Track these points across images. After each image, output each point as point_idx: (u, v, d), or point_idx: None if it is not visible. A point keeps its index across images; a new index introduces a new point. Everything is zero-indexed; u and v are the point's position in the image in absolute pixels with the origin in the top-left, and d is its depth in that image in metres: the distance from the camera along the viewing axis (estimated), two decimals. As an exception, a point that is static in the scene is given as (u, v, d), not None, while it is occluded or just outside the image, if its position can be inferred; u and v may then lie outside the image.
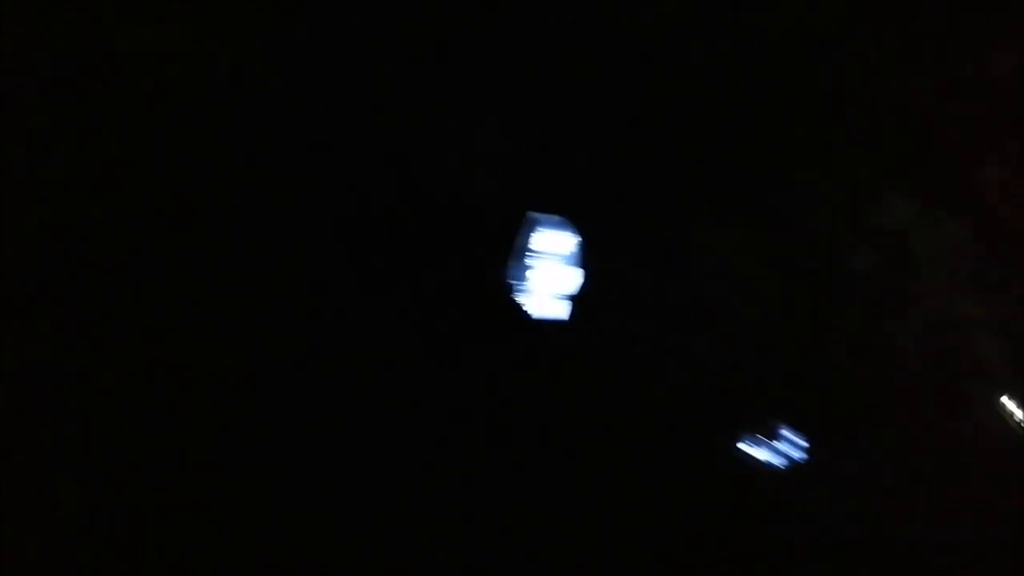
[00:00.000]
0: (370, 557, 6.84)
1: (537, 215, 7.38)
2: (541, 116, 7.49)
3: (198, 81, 6.80)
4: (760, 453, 7.27)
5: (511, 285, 7.32)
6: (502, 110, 7.45)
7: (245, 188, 7.03)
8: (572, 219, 7.40)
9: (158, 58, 6.53)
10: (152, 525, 6.26)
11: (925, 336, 7.02)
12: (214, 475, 6.59)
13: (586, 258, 7.38)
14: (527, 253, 7.35)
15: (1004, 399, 6.97)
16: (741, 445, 7.25)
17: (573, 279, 7.38)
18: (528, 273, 7.34)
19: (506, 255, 7.32)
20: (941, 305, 7.00)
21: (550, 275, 7.36)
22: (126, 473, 6.30)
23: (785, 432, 7.21)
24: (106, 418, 6.37)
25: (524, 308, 7.31)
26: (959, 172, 6.97)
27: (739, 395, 7.20)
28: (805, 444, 7.21)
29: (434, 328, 7.30)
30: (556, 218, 7.43)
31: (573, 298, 7.36)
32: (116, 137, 6.46)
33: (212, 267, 6.84)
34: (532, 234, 7.37)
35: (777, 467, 7.21)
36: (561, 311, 7.35)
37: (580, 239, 7.39)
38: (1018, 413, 6.91)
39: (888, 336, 7.06)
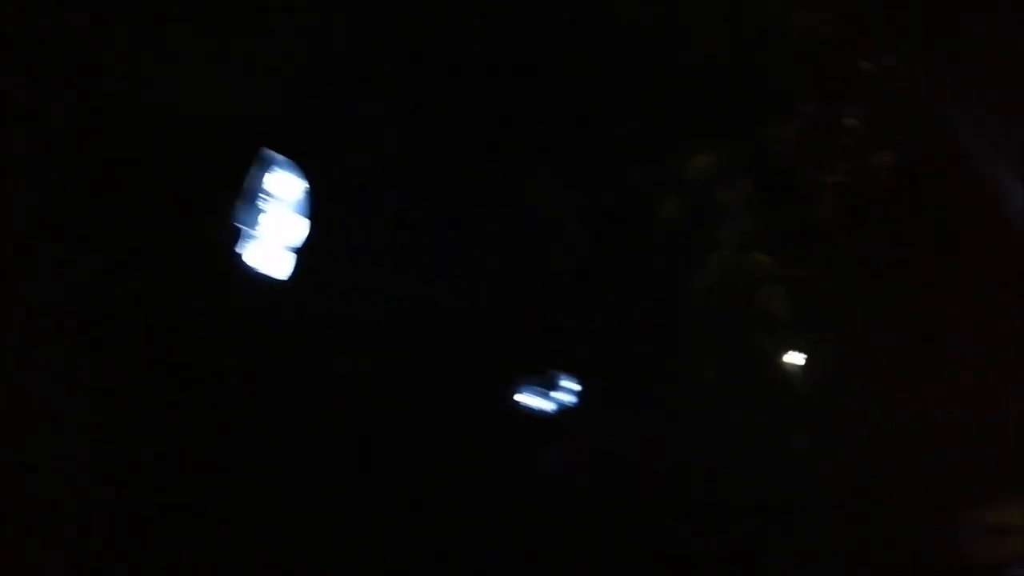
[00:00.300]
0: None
1: (272, 153, 6.42)
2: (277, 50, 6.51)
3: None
4: (537, 401, 7.06)
5: (237, 231, 6.30)
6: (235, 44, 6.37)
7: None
8: (303, 161, 6.54)
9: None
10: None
11: (716, 286, 7.21)
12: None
13: (316, 206, 6.57)
14: (258, 196, 6.37)
15: (787, 349, 7.37)
16: (518, 395, 6.99)
17: (301, 229, 6.54)
18: (258, 218, 6.37)
19: (233, 196, 6.29)
20: (733, 256, 7.21)
21: (278, 223, 6.46)
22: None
23: (563, 380, 7.07)
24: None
25: (249, 261, 6.34)
26: (756, 130, 7.17)
27: (509, 345, 6.93)
28: (580, 390, 7.12)
29: (148, 276, 6.10)
30: (285, 159, 6.52)
31: (300, 251, 6.53)
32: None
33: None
34: (265, 174, 6.39)
35: (553, 414, 7.05)
36: (288, 266, 6.49)
37: (309, 185, 6.56)
38: (798, 362, 7.37)
39: (679, 284, 7.16)
